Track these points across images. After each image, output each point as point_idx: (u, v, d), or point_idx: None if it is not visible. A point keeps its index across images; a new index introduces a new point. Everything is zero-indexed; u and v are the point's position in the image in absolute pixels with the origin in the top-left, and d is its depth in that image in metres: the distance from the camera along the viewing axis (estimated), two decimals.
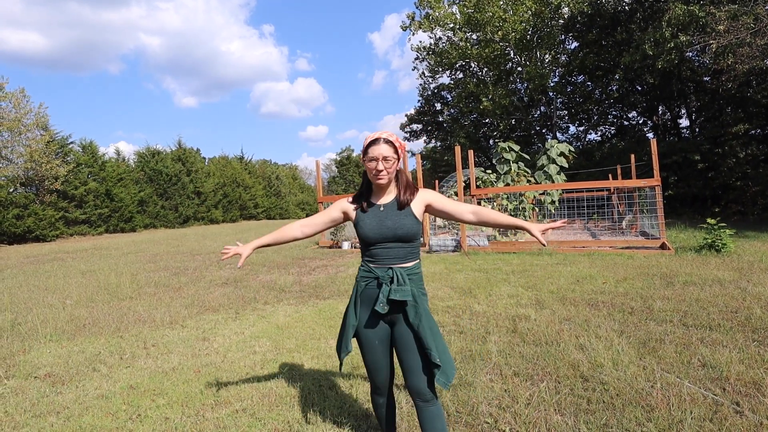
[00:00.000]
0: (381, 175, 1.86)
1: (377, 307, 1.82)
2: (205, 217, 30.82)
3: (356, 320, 1.92)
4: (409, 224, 1.87)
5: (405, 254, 1.89)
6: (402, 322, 1.88)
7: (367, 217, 1.91)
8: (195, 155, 32.31)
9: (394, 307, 1.85)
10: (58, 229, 20.81)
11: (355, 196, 2.03)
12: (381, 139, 1.86)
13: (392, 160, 1.86)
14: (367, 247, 1.92)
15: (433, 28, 24.78)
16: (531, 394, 2.63)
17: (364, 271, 1.93)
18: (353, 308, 1.93)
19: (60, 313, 5.13)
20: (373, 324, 1.91)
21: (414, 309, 1.84)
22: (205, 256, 10.43)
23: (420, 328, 1.82)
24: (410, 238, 1.88)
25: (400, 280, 1.82)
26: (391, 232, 1.85)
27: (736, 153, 17.37)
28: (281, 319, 4.61)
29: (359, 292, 1.93)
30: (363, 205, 1.95)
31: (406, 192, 1.93)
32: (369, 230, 1.88)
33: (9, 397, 2.95)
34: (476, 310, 4.54)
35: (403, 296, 1.79)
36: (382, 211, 1.91)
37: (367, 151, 1.87)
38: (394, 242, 1.86)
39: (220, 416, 2.55)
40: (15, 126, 19.00)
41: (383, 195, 1.95)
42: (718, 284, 5.08)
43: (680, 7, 14.31)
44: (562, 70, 24.79)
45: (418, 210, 1.93)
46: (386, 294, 1.82)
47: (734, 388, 2.57)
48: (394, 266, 1.86)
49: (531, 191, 11.23)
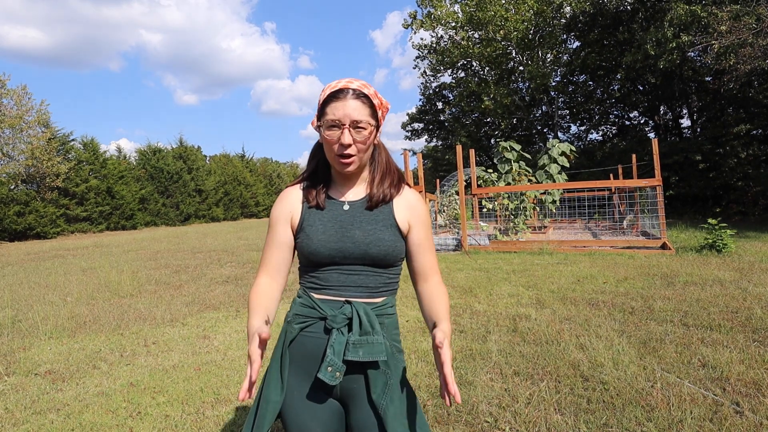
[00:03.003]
0: (348, 159, 1.12)
1: (323, 374, 1.06)
2: (206, 215, 30.82)
3: (282, 394, 1.11)
4: (389, 238, 1.15)
5: (376, 284, 1.16)
6: (361, 399, 1.13)
7: (321, 220, 1.17)
8: (196, 153, 32.30)
9: (353, 371, 1.12)
10: (59, 226, 20.82)
11: (301, 180, 1.26)
12: (350, 90, 1.10)
13: (368, 129, 1.11)
14: (314, 266, 1.17)
15: (434, 26, 24.76)
16: (531, 393, 2.63)
17: (303, 306, 1.17)
18: (278, 372, 1.12)
19: (60, 310, 5.14)
20: (313, 401, 1.13)
21: (383, 378, 1.12)
22: (206, 254, 10.43)
23: (388, 411, 1.09)
24: (388, 261, 1.16)
25: (364, 326, 1.09)
26: (359, 249, 1.13)
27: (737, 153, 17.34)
28: (281, 317, 4.61)
29: (289, 343, 1.15)
30: (316, 197, 1.20)
31: (384, 180, 1.21)
32: (322, 242, 1.14)
33: (9, 393, 2.96)
34: (477, 309, 4.55)
35: (371, 355, 1.07)
36: (346, 211, 1.18)
37: (325, 110, 1.11)
38: (361, 264, 1.15)
39: (221, 414, 2.55)
40: (16, 123, 19.00)
41: (350, 186, 1.22)
42: (719, 284, 5.08)
43: (682, 7, 14.29)
44: (563, 70, 24.76)
45: (403, 219, 1.20)
46: (340, 350, 1.08)
47: (734, 388, 2.57)
48: (354, 300, 1.13)
49: (532, 191, 11.23)
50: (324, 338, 1.12)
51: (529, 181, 11.53)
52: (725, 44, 11.99)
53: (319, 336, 1.13)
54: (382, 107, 1.18)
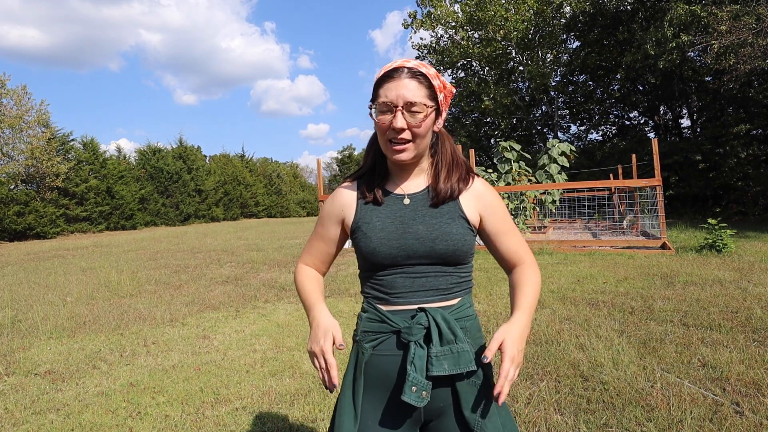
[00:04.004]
0: (402, 146, 1.01)
1: (408, 395, 0.94)
2: (206, 215, 30.82)
3: (356, 423, 1.00)
4: (457, 232, 1.03)
5: (448, 285, 1.04)
6: (449, 418, 1.02)
7: (379, 216, 1.05)
8: (196, 153, 32.32)
9: (438, 387, 1.00)
10: (58, 226, 20.83)
11: (358, 176, 1.15)
12: (404, 69, 0.99)
13: (424, 112, 0.98)
14: (375, 270, 1.06)
15: (434, 26, 24.76)
16: (531, 393, 2.63)
17: (370, 321, 1.05)
18: (350, 399, 1.03)
19: (60, 310, 5.14)
20: (389, 427, 1.01)
21: (473, 390, 1.00)
22: (205, 254, 10.43)
23: (486, 428, 0.99)
24: (458, 258, 1.04)
25: (445, 334, 0.97)
26: (424, 245, 1.01)
27: (737, 153, 17.34)
28: (282, 317, 4.61)
29: (362, 363, 1.04)
30: (373, 193, 1.08)
31: (451, 174, 1.08)
32: (381, 240, 1.02)
33: (9, 393, 2.95)
34: (477, 309, 4.54)
35: (457, 366, 0.96)
36: (407, 206, 1.06)
37: (378, 91, 1.01)
38: (428, 264, 1.03)
39: (220, 414, 2.55)
40: (16, 123, 19.01)
41: (408, 178, 1.10)
42: (719, 284, 5.08)
43: (682, 6, 14.29)
44: (563, 70, 24.76)
45: (472, 210, 1.08)
46: (422, 365, 0.96)
47: (734, 388, 2.57)
48: (427, 306, 1.02)
49: (532, 191, 11.23)
50: (399, 354, 1.00)
51: (529, 181, 11.53)
52: (725, 44, 11.99)
53: (393, 353, 1.01)
54: (445, 90, 1.04)
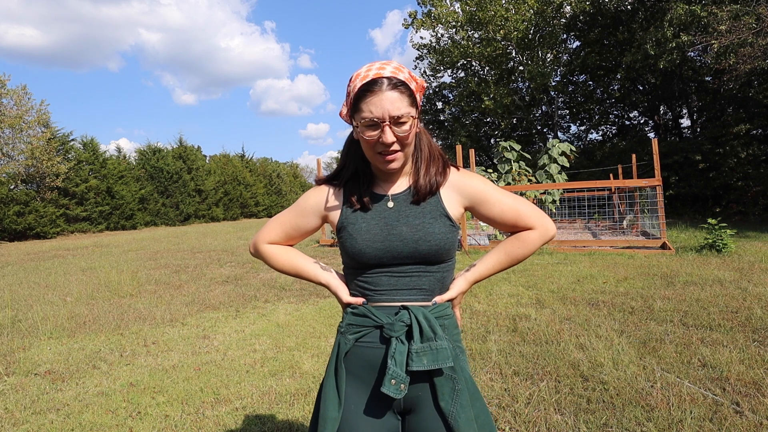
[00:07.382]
0: (392, 156, 1.02)
1: (387, 387, 0.99)
2: (206, 215, 30.80)
3: (339, 409, 1.04)
4: (439, 231, 1.06)
5: (430, 284, 1.09)
6: (427, 406, 1.05)
7: (364, 218, 1.08)
8: (196, 153, 32.30)
9: (417, 380, 1.04)
10: (58, 226, 20.82)
11: (342, 177, 1.15)
12: (384, 81, 0.97)
13: (410, 122, 0.99)
14: (360, 269, 1.09)
15: (434, 26, 24.76)
16: (531, 393, 2.63)
17: (355, 315, 1.10)
18: (333, 387, 1.06)
19: (60, 310, 5.14)
20: (372, 415, 1.06)
21: (450, 384, 1.04)
22: (205, 254, 10.43)
23: (460, 417, 1.01)
24: (440, 257, 1.08)
25: (425, 332, 1.01)
26: (407, 247, 1.05)
27: (737, 153, 17.33)
28: (281, 317, 4.61)
29: (344, 354, 1.08)
30: (359, 197, 1.10)
31: (430, 170, 1.09)
32: (367, 242, 1.05)
33: (9, 393, 2.96)
34: (476, 309, 4.54)
35: (436, 362, 1.00)
36: (391, 208, 1.09)
37: (359, 105, 1.00)
38: (412, 264, 1.07)
39: (220, 414, 2.55)
40: (16, 123, 19.01)
41: (393, 181, 1.12)
42: (719, 284, 5.08)
43: (682, 6, 14.28)
44: (563, 70, 24.76)
45: (454, 205, 1.11)
46: (402, 360, 1.00)
47: (734, 388, 2.57)
48: (410, 305, 1.06)
49: (532, 190, 11.23)
50: (381, 348, 1.05)
51: (529, 181, 11.54)
52: (725, 44, 11.98)
53: (376, 345, 1.06)
54: (420, 89, 1.04)
